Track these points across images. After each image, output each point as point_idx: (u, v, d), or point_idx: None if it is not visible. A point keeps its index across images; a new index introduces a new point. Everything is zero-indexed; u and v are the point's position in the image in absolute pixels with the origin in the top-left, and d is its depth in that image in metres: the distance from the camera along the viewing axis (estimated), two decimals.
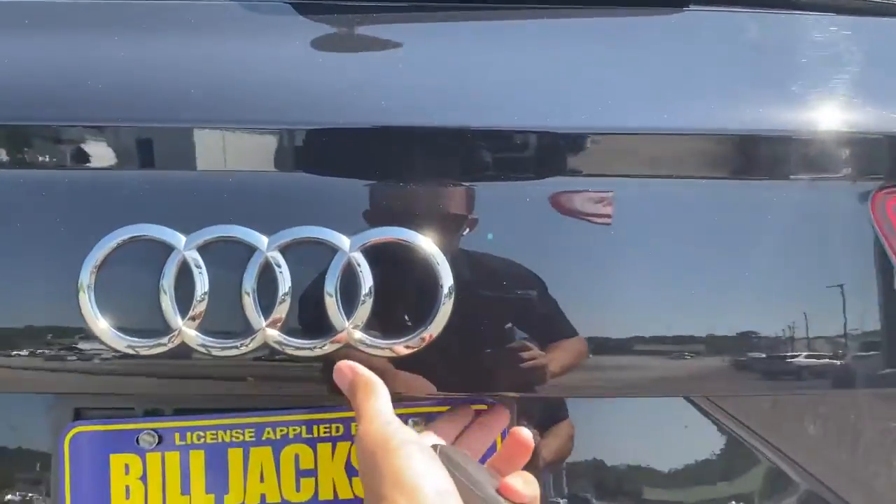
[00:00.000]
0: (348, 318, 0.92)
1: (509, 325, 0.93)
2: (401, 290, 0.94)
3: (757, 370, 0.96)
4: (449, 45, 1.03)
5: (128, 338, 0.92)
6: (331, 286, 0.92)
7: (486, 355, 0.93)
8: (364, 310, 0.92)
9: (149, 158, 0.95)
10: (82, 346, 0.94)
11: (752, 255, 0.96)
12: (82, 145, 0.95)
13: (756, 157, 0.97)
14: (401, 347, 0.92)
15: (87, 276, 0.92)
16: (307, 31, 1.02)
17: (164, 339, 0.92)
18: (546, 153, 0.96)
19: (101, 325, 0.92)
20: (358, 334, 0.92)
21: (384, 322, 0.93)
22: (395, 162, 0.95)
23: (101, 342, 0.92)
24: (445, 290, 0.92)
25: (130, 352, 0.92)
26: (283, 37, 1.01)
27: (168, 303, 0.92)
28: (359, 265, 0.92)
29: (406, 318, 0.93)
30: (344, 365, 0.92)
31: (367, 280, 0.92)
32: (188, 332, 0.92)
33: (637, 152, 0.95)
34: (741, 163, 0.97)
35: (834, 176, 0.97)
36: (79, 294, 0.92)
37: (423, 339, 0.92)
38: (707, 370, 0.96)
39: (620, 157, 0.95)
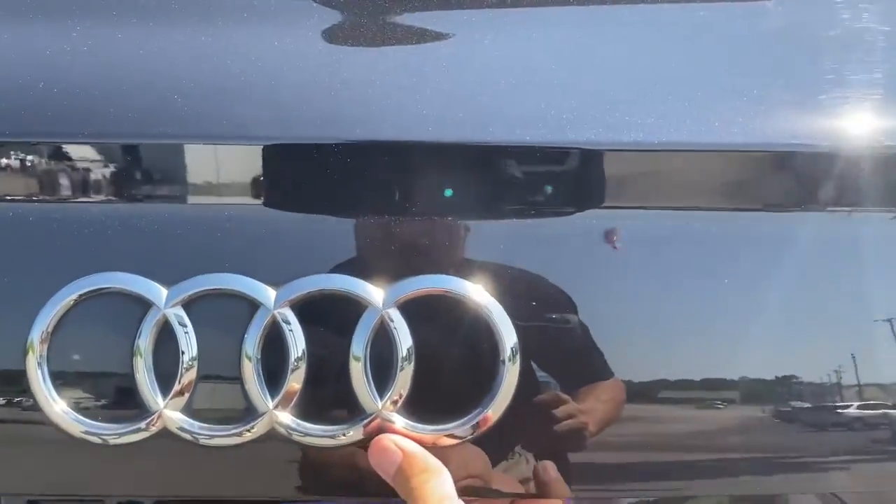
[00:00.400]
0: (381, 396, 0.70)
1: (595, 400, 0.73)
2: (449, 357, 0.72)
3: None
4: (504, 43, 0.81)
5: (91, 422, 0.71)
6: (359, 350, 0.70)
7: (565, 442, 0.72)
8: (401, 383, 0.70)
9: (118, 186, 0.73)
10: (31, 432, 0.72)
11: None
12: (29, 168, 0.73)
13: None
14: (450, 434, 0.71)
15: (37, 341, 0.70)
16: (319, 31, 0.81)
17: (140, 424, 0.70)
18: (635, 176, 0.76)
19: (57, 405, 0.71)
20: (395, 417, 0.70)
21: (427, 399, 0.71)
22: (438, 190, 0.73)
23: (57, 427, 0.71)
24: (507, 354, 0.71)
25: (95, 440, 0.70)
26: (293, 33, 0.79)
27: (145, 375, 0.70)
28: (394, 325, 0.70)
29: (457, 393, 0.72)
30: (387, 442, 0.70)
31: (404, 344, 0.70)
32: (171, 415, 0.70)
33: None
34: None
35: None
36: (26, 363, 0.71)
37: (478, 424, 0.71)
38: None
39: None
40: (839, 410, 0.75)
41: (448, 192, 0.74)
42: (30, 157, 0.73)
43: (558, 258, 0.74)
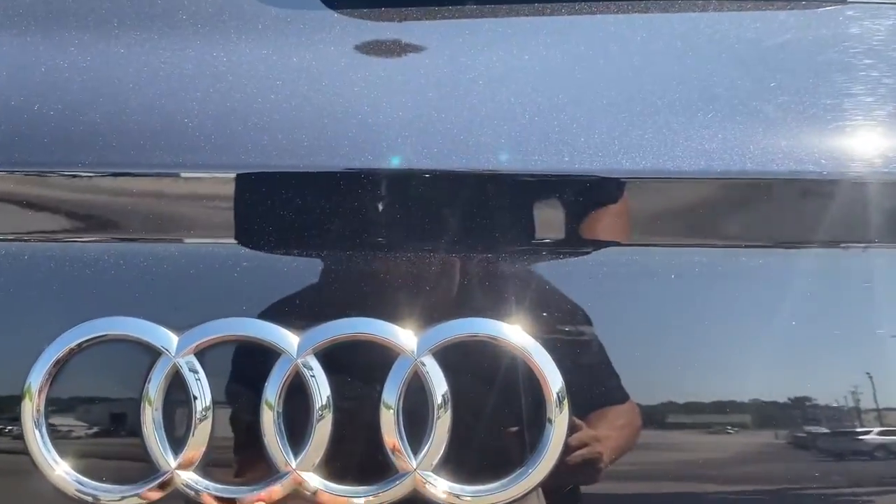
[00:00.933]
0: (415, 454, 0.64)
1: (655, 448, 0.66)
2: (492, 409, 0.66)
3: None
4: (535, 62, 0.75)
5: (95, 484, 0.64)
6: (391, 399, 0.64)
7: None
8: (438, 439, 0.64)
9: (123, 221, 0.67)
10: (28, 495, 0.65)
11: None
12: (25, 201, 0.67)
13: None
14: (498, 496, 0.64)
15: (35, 393, 0.64)
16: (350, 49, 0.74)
17: (150, 485, 0.63)
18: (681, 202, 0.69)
19: (57, 466, 0.64)
20: (431, 477, 0.64)
21: (467, 457, 0.65)
22: (472, 223, 0.67)
23: (57, 489, 0.64)
24: (554, 404, 0.64)
25: None
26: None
27: (153, 431, 0.64)
28: (429, 374, 0.64)
29: (501, 451, 0.65)
30: None
31: (439, 393, 0.64)
32: (184, 476, 0.63)
33: None
34: None
35: None
36: (23, 418, 0.64)
37: (526, 484, 0.64)
38: None
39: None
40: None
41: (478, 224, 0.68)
42: (26, 190, 0.67)
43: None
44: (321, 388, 0.64)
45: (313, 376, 0.64)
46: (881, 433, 0.70)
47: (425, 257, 0.66)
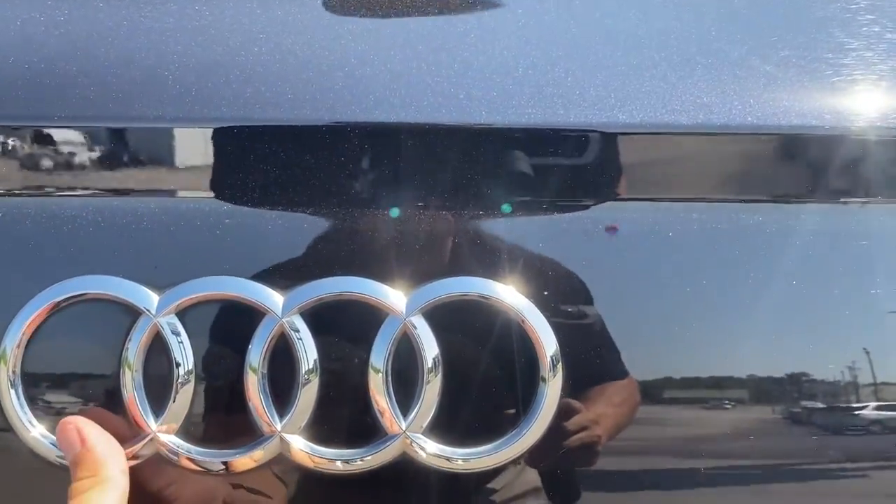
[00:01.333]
0: (405, 416, 0.62)
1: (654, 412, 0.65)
2: (483, 371, 0.64)
3: None
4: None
5: None
6: (379, 361, 0.62)
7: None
8: (428, 401, 0.62)
9: (101, 176, 0.64)
10: (2, 458, 0.63)
11: None
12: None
13: None
14: (489, 459, 0.63)
15: (10, 355, 0.61)
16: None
17: (129, 448, 0.61)
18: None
19: (33, 429, 0.62)
20: (420, 439, 0.62)
21: (457, 420, 0.63)
22: (463, 179, 0.65)
23: (33, 452, 0.62)
24: (548, 366, 0.62)
25: None
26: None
27: (134, 392, 0.62)
28: (418, 335, 0.62)
29: (492, 413, 0.64)
30: (71, 426, 0.59)
31: (430, 355, 0.62)
32: (165, 438, 0.62)
33: None
34: None
35: None
36: None
37: (518, 447, 0.63)
38: None
39: None
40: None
41: (474, 183, 0.66)
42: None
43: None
44: (307, 349, 0.62)
45: (299, 337, 0.61)
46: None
47: (415, 215, 0.64)
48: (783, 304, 0.66)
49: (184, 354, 0.62)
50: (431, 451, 0.61)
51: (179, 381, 0.62)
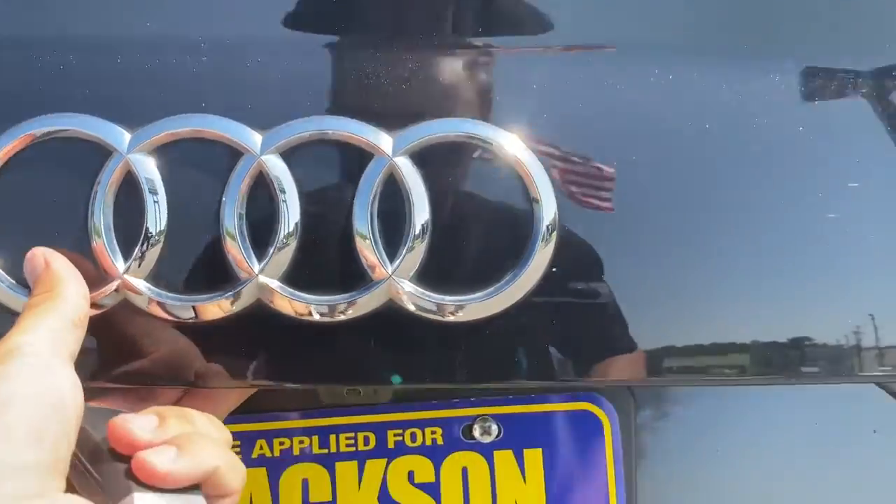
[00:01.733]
0: (391, 258, 0.58)
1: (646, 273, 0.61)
2: (473, 217, 0.60)
3: None
4: None
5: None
6: (363, 202, 0.57)
7: (607, 320, 0.61)
8: (416, 247, 0.58)
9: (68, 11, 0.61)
10: None
11: None
12: None
13: None
14: (475, 307, 0.59)
15: None
16: None
17: (98, 292, 0.58)
18: None
19: None
20: (406, 285, 0.59)
21: (445, 264, 0.59)
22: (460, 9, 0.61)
23: None
24: (546, 222, 0.59)
25: None
26: None
27: (103, 234, 0.58)
28: (405, 176, 0.58)
29: (482, 261, 0.60)
30: (40, 251, 0.56)
31: (418, 198, 0.58)
32: (135, 282, 0.58)
33: None
34: None
35: None
36: None
37: (508, 296, 0.59)
38: None
39: None
40: None
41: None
42: None
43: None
44: (286, 189, 0.58)
45: (277, 177, 0.58)
46: None
47: (406, 51, 0.60)
48: None
49: (156, 193, 0.58)
50: (418, 296, 0.58)
51: (149, 221, 0.58)
